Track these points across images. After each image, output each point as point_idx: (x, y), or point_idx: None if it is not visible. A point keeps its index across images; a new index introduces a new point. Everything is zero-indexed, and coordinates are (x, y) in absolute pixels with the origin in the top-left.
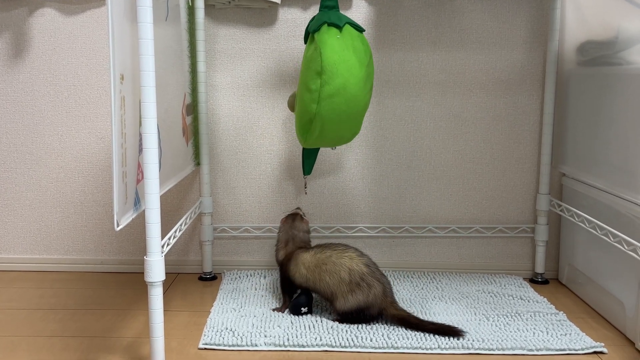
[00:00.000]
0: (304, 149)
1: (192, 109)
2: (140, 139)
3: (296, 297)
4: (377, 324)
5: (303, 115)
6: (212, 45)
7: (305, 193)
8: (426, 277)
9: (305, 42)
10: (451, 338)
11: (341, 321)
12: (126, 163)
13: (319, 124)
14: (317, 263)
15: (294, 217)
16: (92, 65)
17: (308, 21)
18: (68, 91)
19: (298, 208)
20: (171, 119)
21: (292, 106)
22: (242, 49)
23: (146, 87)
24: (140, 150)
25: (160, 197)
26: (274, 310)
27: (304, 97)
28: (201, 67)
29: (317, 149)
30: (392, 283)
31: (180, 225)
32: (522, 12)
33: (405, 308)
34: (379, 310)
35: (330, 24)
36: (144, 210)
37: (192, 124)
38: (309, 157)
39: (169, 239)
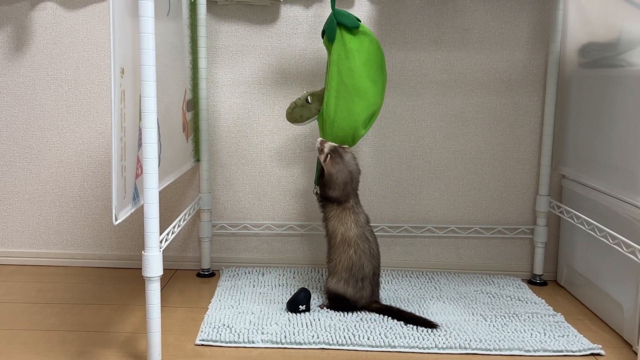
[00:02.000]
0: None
1: (193, 105)
2: (140, 134)
3: (294, 294)
4: (374, 324)
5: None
6: (213, 42)
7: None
8: (424, 276)
9: (331, 40)
10: (450, 337)
11: (329, 306)
12: (125, 157)
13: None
14: (349, 241)
15: (338, 153)
16: (93, 60)
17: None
18: (68, 85)
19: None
20: (171, 114)
21: (292, 118)
22: (243, 46)
23: (146, 81)
24: (140, 144)
25: (159, 192)
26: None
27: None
28: (202, 63)
29: None
30: (390, 282)
31: (179, 221)
32: (524, 12)
33: (403, 307)
34: (360, 307)
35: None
36: (142, 206)
37: (192, 120)
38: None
39: (168, 234)
